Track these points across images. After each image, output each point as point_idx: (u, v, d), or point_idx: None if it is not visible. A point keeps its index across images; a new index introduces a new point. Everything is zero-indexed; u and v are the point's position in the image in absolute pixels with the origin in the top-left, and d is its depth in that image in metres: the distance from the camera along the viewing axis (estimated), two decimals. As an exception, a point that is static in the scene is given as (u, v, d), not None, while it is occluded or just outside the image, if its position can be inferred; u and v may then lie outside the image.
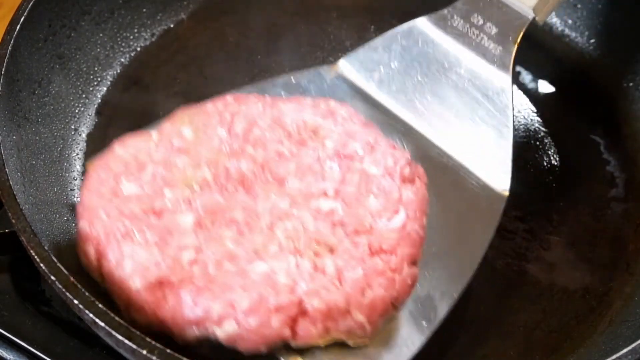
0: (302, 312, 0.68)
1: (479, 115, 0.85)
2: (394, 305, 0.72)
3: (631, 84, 1.01)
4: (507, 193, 0.82)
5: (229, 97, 0.84)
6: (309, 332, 0.68)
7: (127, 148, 0.79)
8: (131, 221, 0.73)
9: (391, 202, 0.76)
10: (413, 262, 0.74)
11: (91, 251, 0.73)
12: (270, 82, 0.91)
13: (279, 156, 0.79)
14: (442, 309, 0.74)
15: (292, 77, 0.91)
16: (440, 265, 0.77)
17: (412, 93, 0.89)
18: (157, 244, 0.71)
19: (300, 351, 0.70)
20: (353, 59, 0.92)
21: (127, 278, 0.70)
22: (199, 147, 0.79)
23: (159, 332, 0.68)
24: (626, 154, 0.97)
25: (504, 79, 0.85)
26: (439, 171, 0.84)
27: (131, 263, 0.70)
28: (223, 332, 0.68)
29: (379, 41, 0.91)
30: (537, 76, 1.05)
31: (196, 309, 0.68)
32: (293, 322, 0.68)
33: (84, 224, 0.74)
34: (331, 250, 0.72)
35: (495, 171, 0.83)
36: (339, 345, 0.71)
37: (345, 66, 0.92)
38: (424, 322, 0.74)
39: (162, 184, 0.76)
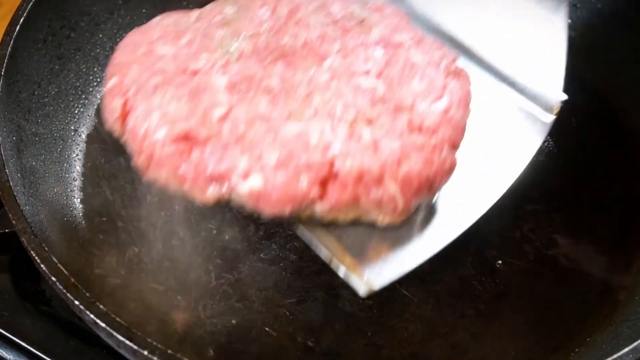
0: (333, 174, 0.66)
1: (532, 30, 0.83)
2: (429, 187, 0.70)
3: (630, 83, 1.01)
4: (558, 105, 0.81)
5: None
6: (338, 195, 0.66)
7: (166, 19, 0.78)
8: (163, 77, 0.71)
9: (435, 87, 0.74)
10: (453, 147, 0.73)
11: (117, 105, 0.71)
12: None
13: (322, 38, 0.77)
14: (480, 209, 0.74)
15: None
16: (483, 167, 0.76)
17: (460, 9, 0.87)
18: (188, 99, 0.70)
19: (325, 226, 0.69)
20: None
21: (152, 129, 0.68)
22: (241, 22, 0.78)
23: (177, 193, 0.68)
24: (626, 154, 0.97)
25: None
26: (488, 84, 0.83)
27: (159, 115, 0.69)
28: (247, 187, 0.65)
29: None
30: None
31: (221, 162, 0.66)
32: (322, 183, 0.66)
33: (114, 80, 0.73)
34: (369, 122, 0.70)
35: (546, 84, 0.81)
36: (367, 226, 0.70)
37: None
38: (460, 217, 0.73)
39: (199, 49, 0.75)
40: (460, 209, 0.74)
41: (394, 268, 0.70)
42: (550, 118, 0.81)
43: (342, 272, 0.70)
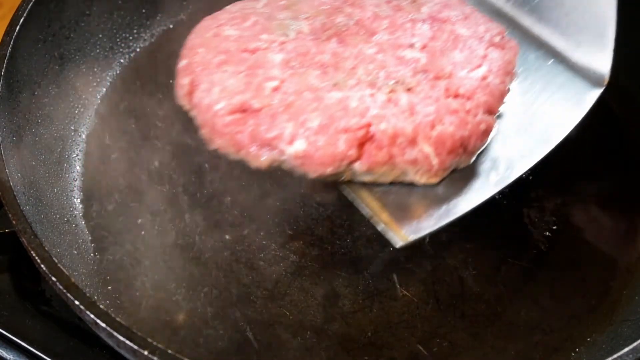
0: (369, 136, 0.73)
1: (582, 4, 0.85)
2: (464, 148, 0.76)
3: (630, 83, 1.01)
4: (605, 79, 0.83)
5: None
6: (374, 156, 0.73)
7: (236, 5, 0.87)
8: (226, 55, 0.79)
9: (475, 57, 0.81)
10: (489, 112, 0.78)
11: (185, 82, 0.79)
12: None
13: (375, 16, 0.84)
14: (517, 172, 0.78)
15: None
16: (524, 135, 0.81)
17: None
18: (245, 74, 0.77)
19: (368, 187, 0.76)
20: None
21: (214, 102, 0.76)
22: (302, 5, 0.85)
23: (236, 159, 0.76)
24: (627, 155, 0.97)
25: None
26: (537, 57, 0.87)
27: (219, 89, 0.77)
28: (293, 151, 0.73)
29: None
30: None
31: (271, 130, 0.73)
32: (359, 145, 0.73)
33: (184, 61, 0.82)
34: (408, 90, 0.77)
35: (595, 58, 0.84)
36: (407, 185, 0.76)
37: None
38: (498, 178, 0.78)
39: (260, 30, 0.82)
40: (504, 166, 0.79)
41: (430, 223, 0.75)
42: (597, 91, 0.83)
43: (380, 227, 0.75)
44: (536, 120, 0.82)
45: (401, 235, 0.74)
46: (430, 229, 0.75)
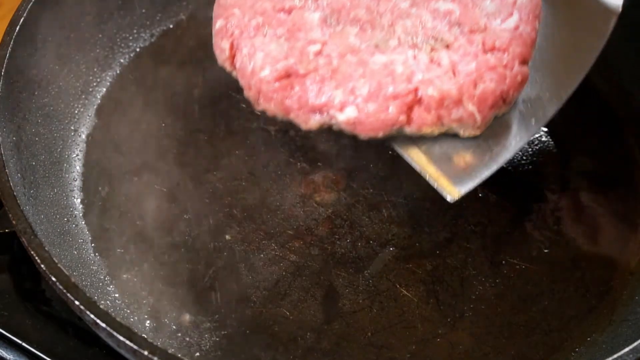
0: (417, 100, 0.75)
1: None
2: (504, 100, 0.78)
3: (630, 83, 1.01)
4: (619, 9, 0.83)
5: None
6: (423, 119, 0.75)
7: None
8: (263, 17, 0.80)
9: (506, 5, 0.82)
10: (524, 61, 0.80)
11: (226, 46, 0.80)
12: None
13: None
14: (550, 110, 0.80)
15: None
16: (550, 71, 0.82)
17: None
18: (286, 38, 0.78)
19: (414, 141, 0.78)
20: None
21: (258, 69, 0.77)
22: None
23: (286, 121, 0.78)
24: (626, 154, 0.97)
25: None
26: None
27: (262, 55, 0.78)
28: (344, 117, 0.75)
29: None
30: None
31: (319, 96, 0.75)
32: (408, 110, 0.75)
33: (220, 22, 0.82)
34: (447, 47, 0.78)
35: None
36: (451, 136, 0.78)
37: None
38: (532, 120, 0.80)
39: None
40: (536, 108, 0.81)
41: (477, 174, 0.78)
42: (613, 20, 0.83)
43: (431, 181, 0.78)
44: (559, 56, 0.84)
45: (451, 190, 0.77)
46: (478, 180, 0.77)
